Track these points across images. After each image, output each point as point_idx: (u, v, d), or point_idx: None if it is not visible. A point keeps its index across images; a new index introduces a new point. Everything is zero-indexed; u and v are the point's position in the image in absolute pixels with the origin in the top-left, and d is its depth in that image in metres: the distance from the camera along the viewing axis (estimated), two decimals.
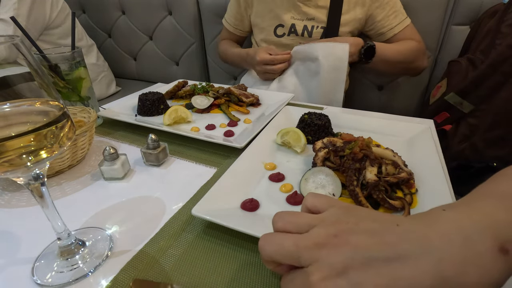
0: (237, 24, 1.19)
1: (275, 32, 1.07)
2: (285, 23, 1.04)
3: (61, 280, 0.34)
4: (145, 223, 0.43)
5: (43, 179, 0.31)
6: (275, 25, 1.06)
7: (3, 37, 0.27)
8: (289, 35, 1.05)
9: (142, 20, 1.56)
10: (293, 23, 1.03)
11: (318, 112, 0.64)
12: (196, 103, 0.76)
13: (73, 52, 0.65)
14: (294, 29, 1.03)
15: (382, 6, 0.98)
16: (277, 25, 1.06)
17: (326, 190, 0.44)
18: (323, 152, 0.51)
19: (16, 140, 0.26)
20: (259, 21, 1.10)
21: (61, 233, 0.35)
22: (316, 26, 1.01)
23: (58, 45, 1.29)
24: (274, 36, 1.07)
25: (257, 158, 0.54)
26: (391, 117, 0.72)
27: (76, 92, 0.68)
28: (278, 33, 1.06)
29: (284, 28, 1.05)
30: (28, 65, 0.28)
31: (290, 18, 1.03)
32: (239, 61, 1.16)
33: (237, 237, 0.39)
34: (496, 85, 0.80)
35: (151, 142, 0.55)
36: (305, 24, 1.02)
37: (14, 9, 1.09)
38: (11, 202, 0.48)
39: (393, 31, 1.00)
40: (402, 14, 1.00)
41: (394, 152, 0.49)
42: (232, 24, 1.20)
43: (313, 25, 1.01)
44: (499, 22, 0.83)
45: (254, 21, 1.13)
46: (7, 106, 0.28)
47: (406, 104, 1.26)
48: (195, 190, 0.49)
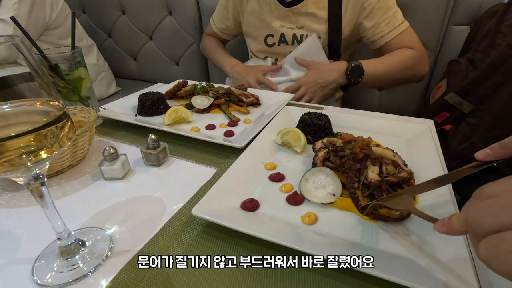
0: (223, 28, 1.20)
1: (266, 42, 1.06)
2: (274, 32, 1.03)
3: (61, 280, 0.34)
4: (145, 223, 0.43)
5: (43, 179, 0.31)
6: (265, 34, 1.05)
7: (3, 37, 0.27)
8: (279, 44, 1.04)
9: (142, 20, 1.56)
10: (283, 32, 1.01)
11: (318, 112, 0.64)
12: (196, 103, 0.76)
13: (73, 52, 0.65)
14: (284, 39, 1.02)
15: (371, 14, 0.94)
16: (267, 34, 1.05)
17: (326, 190, 0.44)
18: (323, 152, 0.51)
19: (16, 140, 0.26)
20: (251, 31, 1.10)
21: (61, 233, 0.35)
22: (305, 35, 0.99)
23: (58, 45, 1.29)
24: (266, 46, 1.06)
25: (257, 158, 0.54)
26: (391, 117, 0.72)
27: (76, 92, 0.68)
28: (268, 43, 1.06)
29: (274, 37, 1.04)
30: (28, 65, 0.28)
31: (279, 27, 1.01)
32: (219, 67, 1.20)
33: (237, 237, 0.39)
34: (496, 85, 0.80)
35: (151, 142, 0.55)
36: (294, 32, 1.00)
37: (14, 10, 1.09)
38: (11, 202, 0.48)
39: (384, 39, 0.96)
40: (395, 20, 0.94)
41: (394, 152, 0.49)
42: (218, 28, 1.21)
43: (302, 34, 1.00)
44: (499, 22, 0.83)
45: (246, 31, 1.13)
46: (7, 106, 0.28)
47: (406, 104, 1.26)
48: (195, 190, 0.49)
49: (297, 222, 0.41)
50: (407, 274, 0.31)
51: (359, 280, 0.33)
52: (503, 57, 0.78)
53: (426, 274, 0.32)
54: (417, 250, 0.35)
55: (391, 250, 0.36)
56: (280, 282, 0.34)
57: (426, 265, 0.33)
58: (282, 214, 0.42)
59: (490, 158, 0.30)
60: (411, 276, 0.31)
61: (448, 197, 0.41)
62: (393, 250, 0.36)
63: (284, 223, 0.41)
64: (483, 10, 0.99)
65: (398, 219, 0.39)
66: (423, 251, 0.35)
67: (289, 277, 0.34)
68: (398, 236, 0.38)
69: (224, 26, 1.19)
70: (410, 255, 0.35)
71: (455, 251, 0.33)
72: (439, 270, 0.32)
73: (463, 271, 0.31)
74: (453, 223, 0.26)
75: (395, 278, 0.30)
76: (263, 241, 0.37)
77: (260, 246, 0.38)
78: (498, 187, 0.23)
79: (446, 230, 0.26)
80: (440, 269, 0.32)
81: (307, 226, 0.40)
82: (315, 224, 0.40)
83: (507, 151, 0.29)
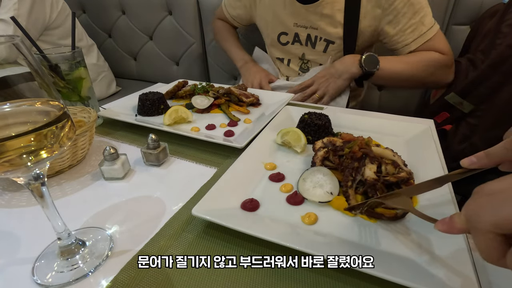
0: (234, 16, 1.16)
1: (279, 40, 1.03)
2: (288, 31, 0.99)
3: (61, 280, 0.34)
4: (145, 223, 0.43)
5: (43, 179, 0.31)
6: (278, 32, 1.02)
7: (3, 37, 0.27)
8: (293, 44, 1.00)
9: (142, 20, 1.56)
10: (296, 32, 0.97)
11: (318, 112, 0.64)
12: (196, 103, 0.76)
13: (73, 52, 0.65)
14: (298, 38, 0.99)
15: (395, 20, 0.85)
16: (280, 32, 1.01)
17: (324, 189, 0.45)
18: (322, 151, 0.51)
19: (17, 140, 0.26)
20: (263, 26, 1.07)
21: (61, 233, 0.35)
22: (319, 38, 0.95)
23: (58, 45, 1.29)
24: (279, 44, 1.03)
25: (257, 158, 0.54)
26: (391, 117, 0.72)
27: (76, 92, 0.68)
28: (282, 41, 1.02)
29: (288, 36, 1.00)
30: (28, 65, 0.28)
31: (293, 26, 0.97)
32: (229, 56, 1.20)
33: (237, 237, 0.39)
34: (496, 85, 0.80)
35: (151, 142, 0.55)
36: (308, 33, 0.96)
37: (15, 10, 1.09)
38: (11, 202, 0.48)
39: (408, 48, 0.87)
40: (422, 26, 0.84)
41: (394, 151, 0.49)
42: (230, 14, 1.17)
43: (316, 36, 0.95)
44: (499, 22, 0.83)
45: (259, 24, 1.10)
46: (7, 106, 0.28)
47: (406, 104, 1.26)
48: (195, 190, 0.49)
49: (297, 222, 0.41)
50: (407, 274, 0.31)
51: (359, 280, 0.34)
52: (503, 57, 0.78)
53: (426, 274, 0.32)
54: (417, 250, 0.35)
55: (391, 250, 0.36)
56: (280, 282, 0.34)
57: (426, 265, 0.33)
58: (282, 214, 0.42)
59: (475, 166, 0.31)
60: (411, 276, 0.31)
61: (448, 197, 0.41)
62: (393, 250, 0.36)
63: (284, 223, 0.41)
64: (483, 10, 0.99)
65: (393, 217, 0.39)
66: (423, 251, 0.35)
67: (289, 277, 0.34)
68: (398, 236, 0.38)
69: (236, 14, 1.15)
70: (410, 255, 0.35)
71: (455, 251, 0.33)
72: (439, 270, 0.32)
73: (463, 271, 0.31)
74: (454, 222, 0.26)
75: (395, 278, 0.30)
76: (263, 241, 0.37)
77: (260, 246, 0.38)
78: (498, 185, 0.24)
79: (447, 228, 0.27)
80: (440, 268, 0.32)
81: (307, 226, 0.40)
82: (315, 224, 0.40)
83: (491, 161, 0.30)
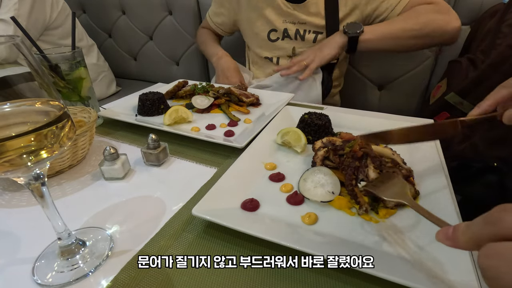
0: (218, 23, 1.19)
1: (269, 37, 1.05)
2: (277, 28, 1.02)
3: (61, 280, 0.34)
4: (145, 223, 0.43)
5: (44, 179, 0.31)
6: (267, 30, 1.04)
7: (4, 37, 0.27)
8: (283, 39, 1.04)
9: (142, 20, 1.56)
10: (286, 27, 1.01)
11: (318, 112, 0.64)
12: (196, 103, 0.76)
13: (73, 52, 0.65)
14: (287, 34, 1.02)
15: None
16: (270, 30, 1.04)
17: (325, 189, 0.45)
18: (322, 151, 0.51)
19: (17, 140, 0.26)
20: (249, 28, 1.08)
21: (61, 233, 0.35)
22: (308, 31, 0.99)
23: (59, 45, 1.29)
24: (268, 41, 1.06)
25: (257, 158, 0.54)
26: (391, 117, 0.72)
27: (76, 92, 0.68)
28: (272, 38, 1.05)
29: (277, 32, 1.03)
30: (29, 65, 0.28)
31: (282, 22, 1.01)
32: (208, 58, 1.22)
33: (237, 237, 0.39)
34: (496, 85, 0.80)
35: (151, 142, 0.55)
36: (297, 28, 1.00)
37: (15, 10, 1.09)
38: (12, 202, 0.48)
39: (395, 12, 0.89)
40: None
41: (393, 150, 0.49)
42: (214, 21, 1.19)
43: (305, 29, 0.99)
44: (499, 22, 0.83)
45: (244, 27, 1.11)
46: (7, 106, 0.28)
47: (406, 104, 1.26)
48: (195, 190, 0.49)
49: (297, 222, 0.41)
50: (407, 274, 0.31)
51: (359, 280, 0.34)
52: (503, 57, 0.78)
53: (426, 273, 0.32)
54: (417, 250, 0.35)
55: (391, 250, 0.36)
56: (280, 282, 0.34)
57: (426, 265, 0.33)
58: (282, 214, 0.42)
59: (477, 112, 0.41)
60: (411, 276, 0.31)
61: (449, 197, 0.41)
62: (393, 250, 0.36)
63: (284, 223, 0.41)
64: (484, 10, 0.99)
65: None
66: (423, 251, 0.35)
67: (289, 277, 0.34)
68: (398, 236, 0.38)
69: (220, 21, 1.17)
70: (410, 255, 0.35)
71: (455, 251, 0.33)
72: (439, 270, 0.32)
73: (463, 271, 0.31)
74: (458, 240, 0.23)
75: (395, 278, 0.30)
76: (263, 241, 0.37)
77: (260, 246, 0.38)
78: None
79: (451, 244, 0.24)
80: (440, 268, 0.32)
81: (307, 226, 0.40)
82: (315, 224, 0.40)
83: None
